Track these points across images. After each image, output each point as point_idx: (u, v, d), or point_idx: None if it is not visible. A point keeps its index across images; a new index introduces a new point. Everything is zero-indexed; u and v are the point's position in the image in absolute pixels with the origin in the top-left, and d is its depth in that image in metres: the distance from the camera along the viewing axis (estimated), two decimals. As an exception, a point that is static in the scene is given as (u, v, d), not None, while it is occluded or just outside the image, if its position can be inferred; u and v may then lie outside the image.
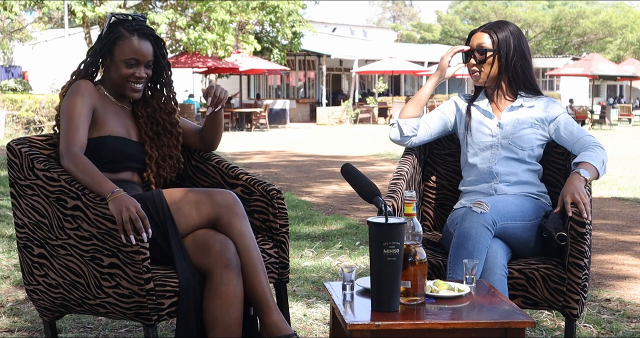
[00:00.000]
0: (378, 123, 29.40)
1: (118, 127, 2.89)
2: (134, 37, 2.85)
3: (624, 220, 6.98)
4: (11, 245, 5.25)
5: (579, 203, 2.77)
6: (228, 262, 2.64)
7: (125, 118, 2.95)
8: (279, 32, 27.12)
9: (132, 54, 2.85)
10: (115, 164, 2.85)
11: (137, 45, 2.85)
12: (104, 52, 2.88)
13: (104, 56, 2.89)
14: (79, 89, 2.82)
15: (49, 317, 2.89)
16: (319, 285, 4.30)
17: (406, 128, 3.25)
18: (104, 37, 2.88)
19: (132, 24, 2.88)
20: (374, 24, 69.53)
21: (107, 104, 2.90)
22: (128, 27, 2.87)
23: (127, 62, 2.85)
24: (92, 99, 2.83)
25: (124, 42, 2.85)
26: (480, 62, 3.16)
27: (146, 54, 2.87)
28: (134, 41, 2.85)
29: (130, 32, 2.86)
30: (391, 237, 2.12)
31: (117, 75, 2.87)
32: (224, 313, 2.61)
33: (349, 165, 2.53)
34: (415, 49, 39.66)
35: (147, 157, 2.96)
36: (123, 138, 2.88)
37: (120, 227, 2.51)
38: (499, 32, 3.14)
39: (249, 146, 16.75)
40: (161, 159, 3.00)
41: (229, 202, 2.76)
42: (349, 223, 6.55)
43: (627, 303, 4.06)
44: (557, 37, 48.31)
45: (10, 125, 18.10)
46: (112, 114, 2.89)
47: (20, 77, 31.91)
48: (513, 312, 2.20)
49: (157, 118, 3.00)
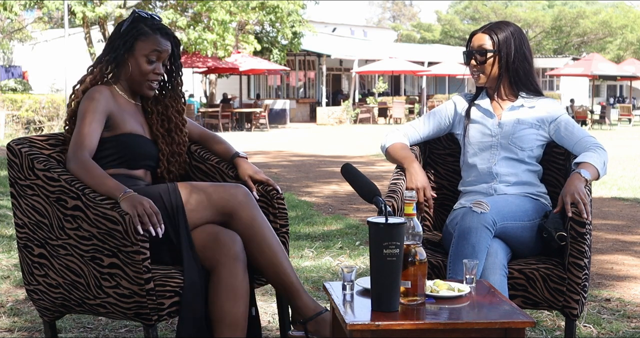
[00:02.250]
0: (378, 123, 29.40)
1: (134, 124, 2.91)
2: (157, 35, 2.89)
3: (624, 220, 6.98)
4: (11, 245, 5.25)
5: (579, 204, 2.77)
6: (237, 255, 2.66)
7: (138, 115, 2.97)
8: (279, 32, 27.12)
9: (154, 50, 2.88)
10: (132, 162, 2.87)
11: (159, 43, 2.89)
12: (127, 47, 2.88)
13: (125, 52, 2.89)
14: (95, 95, 2.82)
15: (49, 317, 2.89)
16: (319, 285, 4.30)
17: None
18: (125, 33, 2.89)
19: (154, 23, 2.91)
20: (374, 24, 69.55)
21: (121, 103, 2.91)
22: (150, 25, 2.90)
23: (148, 57, 2.87)
24: (108, 105, 2.84)
25: (147, 38, 2.88)
26: (481, 63, 3.16)
27: (166, 52, 2.91)
28: (157, 38, 2.89)
29: (153, 30, 2.89)
30: (391, 237, 2.12)
31: (138, 71, 2.89)
32: (232, 305, 2.63)
33: (349, 165, 2.53)
34: (415, 49, 39.67)
35: (160, 153, 2.98)
36: (140, 135, 2.91)
37: (135, 219, 2.51)
38: (500, 33, 3.14)
39: (249, 146, 16.75)
40: (171, 155, 3.02)
41: (244, 195, 2.79)
42: (349, 223, 6.55)
43: (627, 303, 4.06)
44: (557, 37, 48.32)
45: (10, 125, 18.10)
46: (128, 112, 2.91)
47: (20, 77, 31.91)
48: (513, 312, 2.20)
49: (169, 115, 3.02)
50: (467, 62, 3.21)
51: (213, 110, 24.18)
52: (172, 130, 3.02)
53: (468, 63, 3.21)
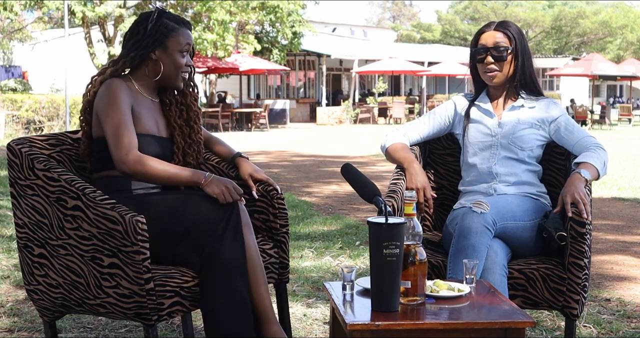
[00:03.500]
0: (378, 123, 29.40)
1: (149, 122, 2.89)
2: (184, 28, 2.92)
3: (624, 221, 6.98)
4: (11, 245, 5.26)
5: (579, 204, 2.77)
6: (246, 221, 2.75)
7: (154, 111, 2.96)
8: (279, 32, 27.12)
9: (187, 44, 2.91)
10: None
11: (188, 36, 2.92)
12: (156, 44, 2.88)
13: (154, 49, 2.88)
14: (115, 88, 2.80)
15: (49, 317, 2.89)
16: (319, 285, 4.30)
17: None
18: (154, 31, 2.87)
19: (176, 18, 2.93)
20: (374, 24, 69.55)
21: (139, 98, 2.90)
22: (174, 20, 2.92)
23: (182, 52, 2.90)
24: (129, 97, 2.84)
25: (178, 33, 2.89)
26: (499, 61, 3.11)
27: (193, 43, 2.96)
28: (185, 31, 2.92)
29: (179, 23, 2.91)
30: (391, 237, 2.12)
31: (174, 67, 2.90)
32: (255, 256, 2.71)
33: (349, 165, 2.53)
34: (415, 49, 39.67)
35: (174, 146, 2.98)
36: (152, 135, 2.89)
37: (227, 196, 2.67)
38: (513, 32, 3.11)
39: (249, 146, 16.76)
40: (188, 147, 3.02)
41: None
42: (349, 223, 6.55)
43: (627, 303, 4.06)
44: (557, 37, 48.34)
45: (10, 125, 18.11)
46: (144, 108, 2.90)
47: (20, 77, 31.92)
48: (513, 312, 2.20)
49: (189, 103, 3.03)
50: (480, 60, 3.14)
51: (213, 110, 24.18)
52: (191, 118, 3.03)
53: (481, 61, 3.14)
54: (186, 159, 3.02)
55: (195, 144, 3.04)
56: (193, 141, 3.03)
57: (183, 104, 3.02)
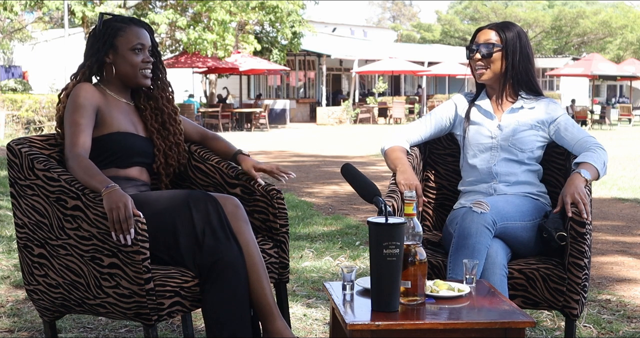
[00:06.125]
0: (378, 123, 29.40)
1: (125, 123, 2.92)
2: (132, 26, 2.92)
3: (624, 221, 6.98)
4: (11, 245, 5.25)
5: (579, 204, 2.77)
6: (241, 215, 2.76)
7: (130, 114, 2.98)
8: (279, 32, 27.11)
9: (137, 40, 2.90)
10: (124, 160, 2.88)
11: (138, 32, 2.91)
12: (107, 48, 2.89)
13: (106, 53, 2.90)
14: (80, 92, 2.83)
15: (49, 317, 2.89)
16: (319, 285, 4.30)
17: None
18: (101, 35, 2.91)
19: (122, 18, 2.94)
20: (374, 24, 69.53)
21: (110, 101, 2.92)
22: (121, 20, 2.93)
23: (134, 49, 2.89)
24: (95, 100, 2.85)
25: (125, 32, 2.90)
26: (486, 57, 3.14)
27: (146, 39, 2.94)
28: (134, 28, 2.91)
29: (126, 22, 2.92)
30: (391, 237, 2.12)
31: (129, 66, 2.90)
32: (254, 252, 2.71)
33: (349, 165, 2.53)
34: (415, 49, 39.66)
35: (155, 149, 2.99)
36: (131, 133, 2.92)
37: (111, 225, 2.51)
38: (507, 31, 3.13)
39: (249, 146, 16.75)
40: (168, 149, 3.03)
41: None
42: (349, 223, 6.55)
43: (627, 303, 4.06)
44: (557, 37, 48.31)
45: (10, 125, 18.10)
46: (117, 111, 2.92)
47: (20, 77, 31.91)
48: (513, 312, 2.20)
49: (161, 107, 3.03)
50: (470, 56, 3.18)
51: (213, 110, 24.18)
52: (165, 121, 3.04)
53: (471, 57, 3.17)
54: (168, 161, 3.03)
55: (176, 145, 3.05)
56: (173, 143, 3.04)
57: (157, 108, 3.03)
